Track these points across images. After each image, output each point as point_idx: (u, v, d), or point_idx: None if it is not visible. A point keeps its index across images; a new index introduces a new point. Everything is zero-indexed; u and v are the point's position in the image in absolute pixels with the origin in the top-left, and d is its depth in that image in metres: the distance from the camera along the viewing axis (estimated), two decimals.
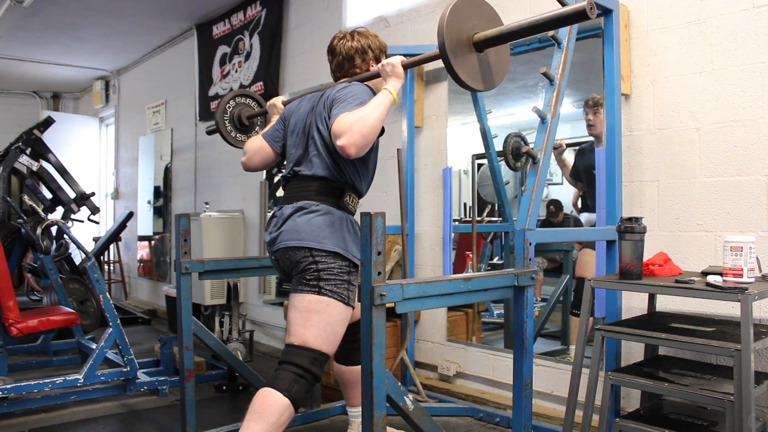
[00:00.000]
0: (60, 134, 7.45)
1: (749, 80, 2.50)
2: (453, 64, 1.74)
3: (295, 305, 2.10)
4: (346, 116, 1.95)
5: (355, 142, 1.91)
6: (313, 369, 2.02)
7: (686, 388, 2.07)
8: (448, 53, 1.72)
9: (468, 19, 1.78)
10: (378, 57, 2.31)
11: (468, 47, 1.79)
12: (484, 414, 3.21)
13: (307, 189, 2.15)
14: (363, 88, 2.14)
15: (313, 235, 2.07)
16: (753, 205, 2.49)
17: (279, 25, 5.10)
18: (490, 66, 1.88)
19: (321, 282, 2.06)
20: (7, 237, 4.74)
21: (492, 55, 1.88)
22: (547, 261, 3.84)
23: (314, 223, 2.08)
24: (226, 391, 3.86)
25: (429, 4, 3.84)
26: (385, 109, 2.01)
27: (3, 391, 3.23)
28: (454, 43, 1.74)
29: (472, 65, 1.81)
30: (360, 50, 2.27)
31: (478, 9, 1.85)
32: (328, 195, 2.13)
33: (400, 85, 2.11)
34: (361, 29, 2.33)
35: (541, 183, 2.21)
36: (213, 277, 2.98)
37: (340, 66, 2.31)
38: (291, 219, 2.12)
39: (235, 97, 2.95)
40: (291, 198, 2.18)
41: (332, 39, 2.33)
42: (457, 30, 1.75)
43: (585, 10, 1.61)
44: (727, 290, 2.01)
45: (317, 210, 2.11)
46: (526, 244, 2.06)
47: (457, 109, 3.81)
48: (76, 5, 5.63)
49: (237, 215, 5.38)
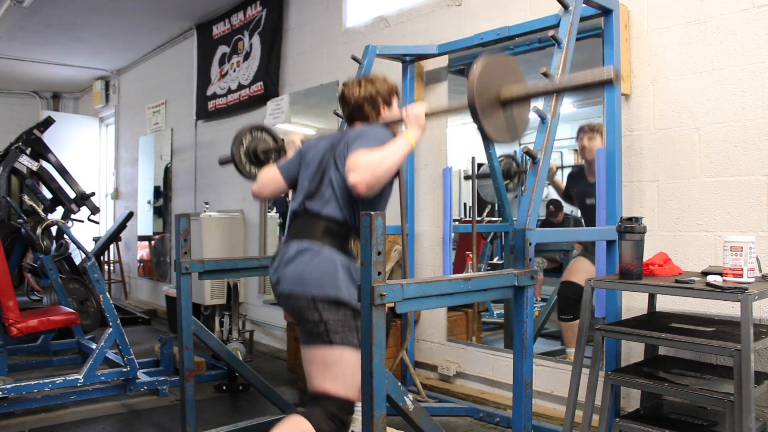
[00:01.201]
0: (60, 134, 7.45)
1: (749, 80, 2.50)
2: (482, 120, 1.82)
3: (310, 359, 2.09)
4: (362, 153, 1.96)
5: (367, 180, 1.90)
6: (342, 416, 2.04)
7: (686, 388, 2.07)
8: (478, 109, 1.78)
9: (495, 76, 1.85)
10: (388, 101, 2.31)
11: (495, 103, 1.86)
12: (484, 414, 3.21)
13: (313, 228, 2.12)
14: (384, 131, 2.16)
15: (316, 283, 2.05)
16: (753, 205, 2.49)
17: (279, 25, 5.10)
18: (514, 120, 1.94)
19: (330, 334, 2.04)
20: (7, 237, 4.74)
21: (516, 109, 1.94)
22: (547, 261, 3.84)
23: (317, 269, 2.06)
24: (226, 391, 3.86)
25: (429, 4, 3.85)
26: (403, 156, 2.02)
27: (3, 391, 3.23)
28: (482, 100, 1.83)
29: (499, 121, 1.89)
30: (369, 98, 2.27)
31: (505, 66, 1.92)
32: (333, 237, 2.10)
33: (420, 135, 2.13)
34: (369, 75, 2.33)
35: (541, 183, 2.21)
36: (213, 277, 2.98)
37: (351, 115, 2.32)
38: (294, 262, 2.09)
39: (251, 131, 2.96)
40: (297, 234, 2.15)
41: (342, 87, 2.34)
42: (486, 87, 1.82)
43: (611, 79, 1.70)
44: (727, 290, 2.01)
45: (320, 254, 2.08)
46: (526, 244, 2.05)
47: None
48: (76, 5, 5.63)
49: (237, 215, 5.38)
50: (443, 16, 3.76)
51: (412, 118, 2.13)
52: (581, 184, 3.33)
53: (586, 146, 3.21)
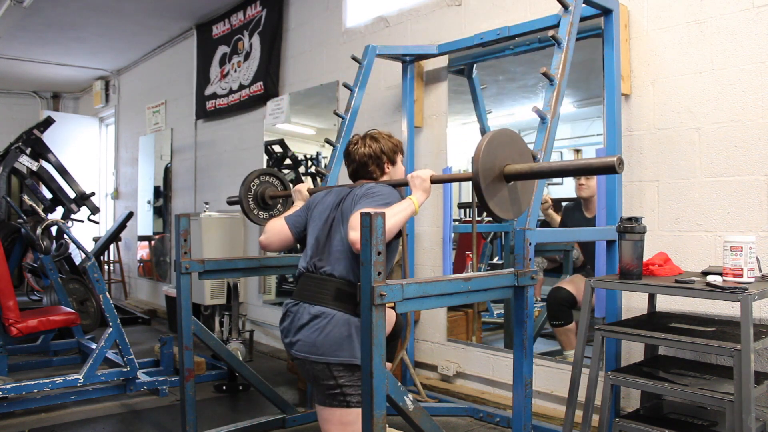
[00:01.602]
0: (60, 134, 7.44)
1: (749, 80, 2.50)
2: (485, 195, 1.84)
3: (328, 419, 2.12)
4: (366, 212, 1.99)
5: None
6: None
7: (686, 388, 2.07)
8: (481, 183, 1.80)
9: (500, 151, 1.87)
10: (392, 159, 2.32)
11: (498, 178, 1.88)
12: (484, 414, 3.21)
13: (324, 291, 2.13)
14: (390, 191, 2.17)
15: (331, 350, 2.06)
16: (753, 205, 2.49)
17: (279, 25, 5.10)
18: (517, 194, 1.95)
19: (346, 396, 2.07)
20: (7, 237, 4.74)
21: (519, 185, 1.96)
22: (547, 261, 3.84)
23: (331, 336, 2.07)
24: (226, 391, 3.86)
25: (429, 4, 3.85)
26: (405, 218, 2.04)
27: (3, 391, 3.23)
28: (486, 174, 1.84)
29: (502, 195, 1.91)
30: (373, 156, 2.29)
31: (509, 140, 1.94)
32: (344, 301, 2.11)
33: (424, 199, 2.15)
34: (373, 132, 2.34)
35: (541, 183, 2.21)
36: (213, 277, 2.99)
37: (355, 172, 2.34)
38: (307, 328, 2.10)
39: (261, 176, 3.01)
40: (308, 297, 2.15)
41: (347, 144, 2.36)
42: (491, 161, 1.83)
43: (614, 166, 1.69)
44: (727, 290, 2.01)
45: (333, 320, 2.08)
46: (526, 244, 2.06)
47: (457, 109, 3.81)
48: (76, 5, 5.64)
49: (237, 215, 5.37)
50: (443, 16, 3.76)
51: (417, 182, 2.15)
52: (577, 219, 3.30)
53: (584, 184, 3.19)
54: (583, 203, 3.26)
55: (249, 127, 5.47)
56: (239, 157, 5.59)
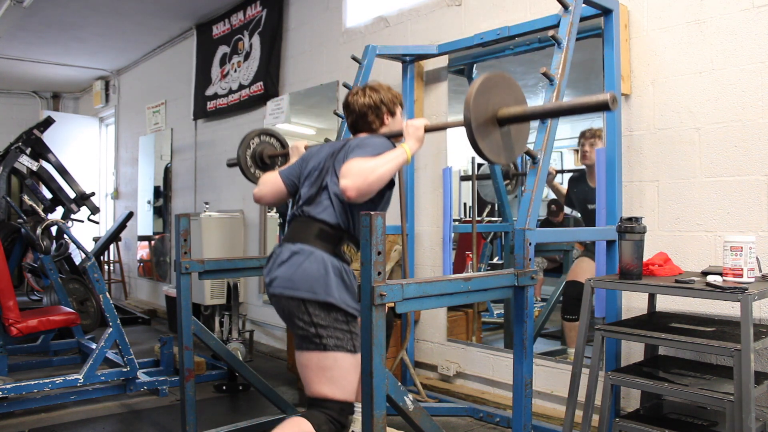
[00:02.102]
0: (60, 134, 7.45)
1: (749, 80, 2.50)
2: (476, 139, 1.81)
3: (305, 364, 2.10)
4: (357, 161, 2.00)
5: (357, 186, 1.92)
6: (341, 419, 2.05)
7: (686, 388, 2.07)
8: (473, 127, 1.77)
9: (494, 95, 1.84)
10: (392, 110, 2.33)
11: (492, 122, 1.85)
12: (484, 414, 3.21)
13: (307, 231, 2.14)
14: (383, 141, 2.18)
15: (306, 286, 2.05)
16: (753, 205, 2.49)
17: (279, 25, 5.10)
18: (511, 139, 1.94)
19: (322, 338, 2.05)
20: (7, 237, 4.74)
21: (513, 130, 1.94)
22: (547, 261, 3.84)
23: (307, 272, 2.06)
24: (226, 391, 3.86)
25: (429, 3, 3.84)
26: (396, 165, 2.05)
27: (3, 391, 3.23)
28: (479, 118, 1.82)
29: (495, 139, 1.88)
30: (372, 106, 2.29)
31: (504, 84, 1.92)
32: (325, 241, 2.11)
33: (417, 148, 2.17)
34: (373, 83, 2.35)
35: (541, 183, 2.21)
36: (213, 277, 2.98)
37: (355, 123, 2.35)
38: (286, 264, 2.11)
39: (260, 135, 3.00)
40: (292, 238, 2.16)
41: (347, 95, 2.36)
42: (483, 105, 1.81)
43: (607, 102, 1.70)
44: (727, 290, 2.01)
45: (311, 257, 2.08)
46: (526, 244, 2.05)
47: (457, 109, 3.81)
48: (76, 5, 5.63)
49: (237, 215, 5.37)
50: (443, 16, 3.76)
51: (411, 131, 2.17)
52: (582, 189, 3.32)
53: (587, 152, 3.20)
54: (587, 172, 3.26)
55: (249, 127, 5.46)
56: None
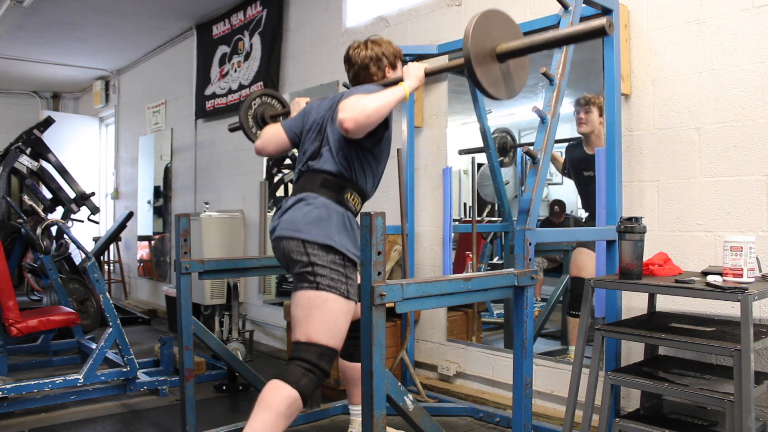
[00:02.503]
0: (60, 134, 7.44)
1: (749, 80, 2.50)
2: (477, 73, 1.80)
3: (296, 302, 2.13)
4: (354, 96, 2.04)
5: (355, 118, 1.95)
6: (321, 364, 2.05)
7: (686, 388, 2.07)
8: (473, 62, 1.77)
9: (491, 31, 1.85)
10: (393, 63, 2.36)
11: (491, 57, 1.86)
12: (484, 414, 3.21)
13: (312, 182, 2.20)
14: (379, 87, 2.21)
15: (307, 228, 2.11)
16: (753, 205, 2.49)
17: (279, 25, 5.10)
18: (511, 75, 1.94)
19: (317, 277, 2.08)
20: (7, 237, 4.74)
21: (513, 65, 1.94)
22: (547, 261, 3.84)
23: (310, 215, 2.12)
24: (226, 391, 3.86)
25: (429, 3, 3.84)
26: (394, 100, 2.07)
27: (3, 391, 3.23)
28: (478, 53, 1.81)
29: (495, 74, 1.88)
30: (374, 58, 2.32)
31: (501, 21, 1.92)
32: (329, 189, 2.17)
33: (416, 86, 2.18)
34: (375, 37, 2.39)
35: (541, 183, 2.21)
36: (213, 277, 2.98)
37: (356, 75, 2.38)
38: (290, 210, 2.17)
39: (261, 96, 2.99)
40: (297, 190, 2.24)
41: (348, 49, 2.39)
42: (481, 41, 1.81)
43: (604, 28, 1.67)
44: (727, 290, 2.01)
45: (315, 202, 2.15)
46: (526, 244, 2.06)
47: (457, 109, 3.81)
48: (76, 5, 5.63)
49: (237, 215, 5.37)
50: (443, 16, 3.76)
51: (412, 69, 2.18)
52: (578, 156, 3.34)
53: (583, 118, 3.22)
54: (584, 140, 3.29)
55: None
56: (239, 157, 5.59)
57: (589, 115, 3.19)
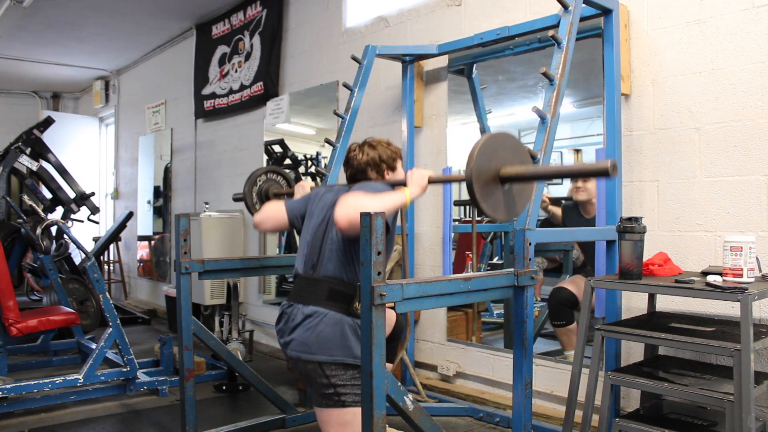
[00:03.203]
0: (60, 134, 7.44)
1: (749, 80, 2.50)
2: (477, 197, 1.83)
3: (325, 420, 2.12)
4: (355, 194, 2.00)
5: (349, 217, 1.88)
6: None
7: (686, 388, 2.07)
8: (474, 185, 1.80)
9: (496, 153, 1.87)
10: (392, 165, 2.32)
11: (494, 180, 1.88)
12: (484, 414, 3.21)
13: (317, 291, 2.13)
14: (384, 186, 2.19)
15: (322, 349, 2.06)
16: (753, 205, 2.49)
17: (279, 25, 5.10)
18: (513, 196, 1.96)
19: (341, 396, 2.07)
20: (7, 237, 4.74)
21: (516, 188, 1.96)
22: (547, 261, 3.84)
23: (323, 335, 2.07)
24: (226, 391, 3.86)
25: (429, 4, 3.84)
26: (394, 205, 2.03)
27: (3, 391, 3.23)
28: (481, 177, 1.85)
29: (497, 198, 1.91)
30: (371, 164, 2.29)
31: (508, 143, 1.94)
32: (338, 301, 2.10)
33: (419, 195, 2.16)
34: (371, 140, 2.34)
35: (541, 183, 2.21)
36: (213, 277, 2.99)
37: (353, 176, 2.33)
38: (300, 327, 2.11)
39: (267, 173, 3.04)
40: (302, 298, 2.15)
41: (347, 151, 2.35)
42: (485, 163, 1.83)
43: (607, 170, 1.71)
44: (727, 290, 2.01)
45: (326, 320, 2.08)
46: (526, 244, 2.06)
47: (457, 109, 3.81)
48: (76, 5, 5.63)
49: (237, 215, 5.37)
50: (443, 16, 3.76)
51: (415, 177, 2.16)
52: (577, 221, 3.29)
53: (581, 186, 3.18)
54: (581, 206, 3.25)
55: (249, 127, 5.47)
56: (239, 157, 5.59)
57: (587, 183, 3.14)
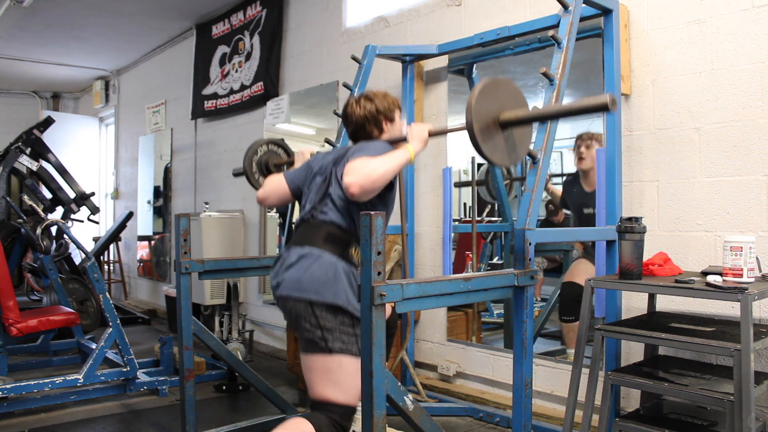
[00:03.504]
0: (60, 134, 7.44)
1: (749, 80, 2.50)
2: (479, 143, 1.82)
3: (309, 366, 2.09)
4: (360, 159, 2.01)
5: (360, 182, 1.93)
6: (343, 422, 2.04)
7: (686, 388, 2.07)
8: (476, 132, 1.79)
9: (495, 99, 1.87)
10: (390, 117, 2.32)
11: (494, 126, 1.88)
12: (484, 414, 3.21)
13: (315, 234, 2.14)
14: (384, 144, 2.20)
15: (314, 288, 2.05)
16: (753, 205, 2.49)
17: (279, 25, 5.10)
18: (514, 142, 1.96)
19: (327, 341, 2.04)
20: (7, 237, 4.74)
21: (516, 134, 1.96)
22: (547, 261, 3.84)
23: (316, 275, 2.06)
24: (226, 391, 3.86)
25: (429, 4, 3.84)
26: (399, 164, 2.05)
27: (3, 391, 3.23)
28: (481, 122, 1.84)
29: (498, 143, 1.91)
30: (369, 117, 2.29)
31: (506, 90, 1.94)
32: (334, 244, 2.11)
33: (421, 149, 2.17)
34: (368, 93, 2.34)
35: (541, 183, 2.21)
36: (213, 277, 2.98)
37: (354, 133, 2.35)
38: (294, 267, 2.10)
39: (267, 144, 3.02)
40: (299, 241, 2.16)
41: (344, 106, 2.36)
42: (485, 109, 1.83)
43: (607, 104, 1.73)
44: (727, 290, 2.01)
45: (320, 260, 2.08)
46: (526, 244, 2.05)
47: (457, 109, 3.81)
48: (76, 5, 5.63)
49: (237, 215, 5.38)
50: (443, 16, 3.76)
51: (415, 132, 2.18)
52: (577, 194, 3.30)
53: (584, 153, 3.19)
54: (582, 176, 3.25)
55: (249, 127, 5.47)
56: (239, 157, 5.55)
57: (590, 151, 3.14)
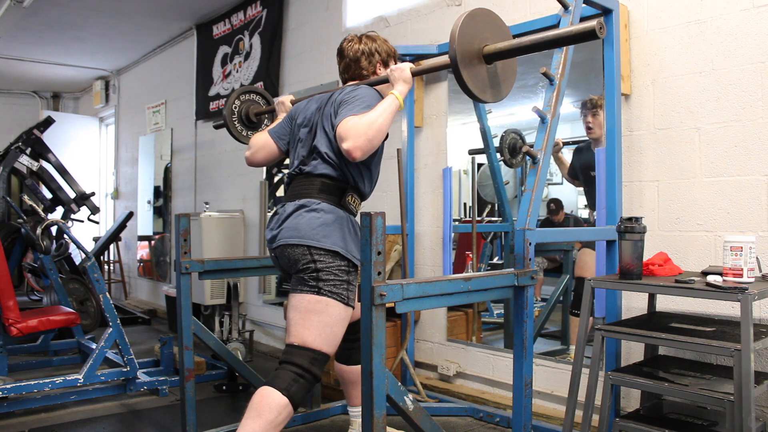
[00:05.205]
0: (60, 134, 7.44)
1: (749, 80, 2.50)
2: (463, 75, 1.77)
3: (295, 305, 2.10)
4: (351, 119, 1.98)
5: (361, 146, 1.93)
6: (312, 369, 2.03)
7: (686, 388, 2.07)
8: (459, 64, 1.74)
9: (479, 32, 1.82)
10: (386, 61, 2.32)
11: (478, 59, 1.83)
12: (484, 414, 3.21)
13: (309, 186, 2.15)
14: (370, 92, 2.16)
15: (313, 234, 2.06)
16: (753, 205, 2.49)
17: (279, 25, 5.10)
18: (498, 78, 1.91)
19: (320, 282, 2.05)
20: (7, 237, 4.74)
21: (501, 68, 1.91)
22: (547, 261, 3.84)
23: (314, 222, 2.08)
24: (226, 391, 3.86)
25: (429, 4, 3.84)
26: (391, 114, 2.04)
27: (3, 391, 3.23)
28: (464, 54, 1.77)
29: (482, 77, 1.84)
30: (366, 53, 2.28)
31: (489, 22, 1.88)
32: (330, 193, 2.13)
33: (406, 90, 2.14)
34: (371, 33, 2.35)
35: (541, 183, 2.21)
36: (213, 277, 2.98)
37: (347, 68, 2.33)
38: (292, 217, 2.12)
39: (243, 94, 2.96)
40: (293, 196, 2.18)
41: (342, 41, 2.35)
42: (468, 41, 1.78)
43: (594, 30, 1.64)
44: (727, 290, 2.01)
45: (318, 208, 2.10)
46: (526, 244, 2.05)
47: (457, 109, 3.81)
48: (76, 5, 5.63)
49: (237, 215, 5.38)
50: (443, 16, 3.76)
51: (396, 74, 2.13)
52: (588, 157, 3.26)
53: (591, 122, 3.16)
54: (593, 145, 3.24)
55: None
56: (239, 157, 5.59)
57: (597, 119, 3.13)
